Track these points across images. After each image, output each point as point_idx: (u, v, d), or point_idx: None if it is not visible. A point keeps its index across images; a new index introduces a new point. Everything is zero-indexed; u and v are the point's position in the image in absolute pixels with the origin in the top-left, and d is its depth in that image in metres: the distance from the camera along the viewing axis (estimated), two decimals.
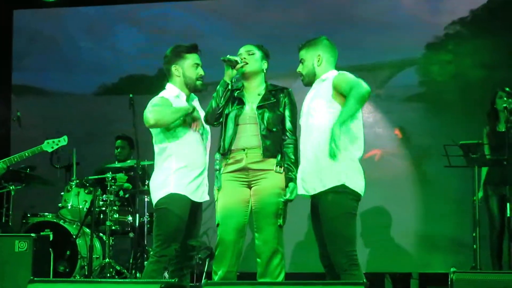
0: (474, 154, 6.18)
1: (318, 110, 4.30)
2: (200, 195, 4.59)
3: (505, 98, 6.35)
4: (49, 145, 6.24)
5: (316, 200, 4.28)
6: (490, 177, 6.43)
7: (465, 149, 6.21)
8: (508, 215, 6.10)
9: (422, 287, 7.12)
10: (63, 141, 6.28)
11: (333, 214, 4.19)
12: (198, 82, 4.63)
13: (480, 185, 6.46)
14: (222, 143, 4.69)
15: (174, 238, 4.47)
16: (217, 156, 4.70)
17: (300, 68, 4.48)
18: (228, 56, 4.60)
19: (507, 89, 6.45)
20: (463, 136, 6.48)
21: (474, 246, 6.24)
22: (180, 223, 4.49)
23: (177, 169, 4.51)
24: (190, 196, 4.51)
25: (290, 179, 4.58)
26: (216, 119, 4.66)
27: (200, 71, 4.63)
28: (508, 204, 6.13)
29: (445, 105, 7.49)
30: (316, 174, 4.25)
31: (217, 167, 4.67)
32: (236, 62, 4.60)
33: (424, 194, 7.39)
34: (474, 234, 6.26)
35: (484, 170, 6.51)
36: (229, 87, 4.63)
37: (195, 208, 4.60)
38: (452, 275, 4.10)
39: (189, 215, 4.54)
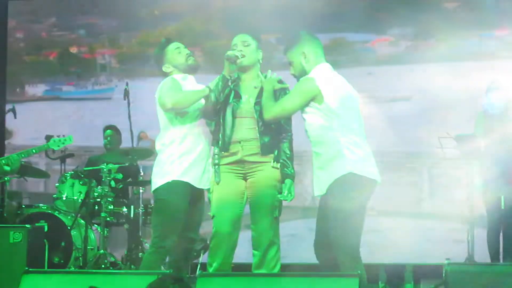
0: (469, 146, 6.19)
1: (308, 108, 4.30)
2: (205, 182, 4.61)
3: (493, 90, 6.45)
4: (55, 143, 6.29)
5: (326, 194, 4.25)
6: (487, 170, 6.46)
7: (459, 141, 6.22)
8: (503, 207, 6.13)
9: (417, 279, 7.13)
10: (69, 140, 6.34)
11: (342, 207, 4.13)
12: (190, 61, 4.66)
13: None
14: (221, 137, 4.64)
15: (173, 229, 4.48)
16: (216, 150, 4.67)
17: (292, 71, 4.45)
18: (227, 53, 4.56)
19: (497, 80, 6.50)
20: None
21: (469, 238, 6.25)
22: (179, 213, 4.50)
23: (181, 155, 4.53)
24: (193, 183, 4.53)
25: (286, 175, 4.58)
26: (215, 114, 4.65)
27: (185, 51, 4.66)
28: (502, 197, 6.16)
29: (440, 98, 7.50)
30: (322, 169, 4.25)
31: (216, 161, 4.64)
32: (236, 57, 4.56)
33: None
34: (468, 226, 6.27)
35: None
36: (229, 82, 4.60)
37: (196, 197, 4.62)
38: (446, 267, 4.11)
39: (190, 204, 4.55)
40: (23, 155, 6.02)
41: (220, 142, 4.64)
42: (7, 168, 5.86)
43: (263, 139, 4.59)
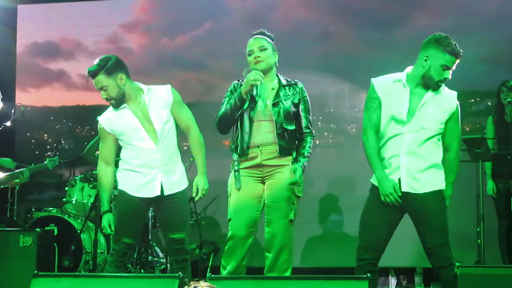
0: (478, 148, 6.18)
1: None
2: (148, 191, 4.67)
3: (506, 92, 6.46)
4: (50, 163, 6.59)
5: (416, 196, 4.28)
6: (498, 171, 6.46)
7: (469, 144, 6.21)
8: None
9: (426, 282, 7.10)
10: (57, 161, 6.67)
11: (442, 208, 4.30)
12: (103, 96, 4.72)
13: (487, 175, 6.49)
14: (239, 144, 4.64)
15: (122, 232, 4.65)
16: (235, 157, 4.66)
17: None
18: (252, 77, 4.50)
19: (509, 83, 6.49)
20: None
21: (479, 241, 6.23)
22: (125, 218, 4.68)
23: (122, 169, 4.75)
24: (134, 193, 4.66)
25: (296, 161, 4.57)
26: (229, 128, 4.70)
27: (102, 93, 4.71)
28: None
29: None
30: (427, 173, 4.29)
31: (236, 167, 4.64)
32: (260, 82, 4.52)
33: None
34: (478, 229, 6.25)
35: (488, 163, 6.53)
36: (246, 103, 4.59)
37: (155, 204, 4.76)
38: (456, 270, 4.10)
39: (143, 211, 4.75)
40: (31, 171, 6.16)
41: (238, 148, 4.64)
42: (17, 180, 5.96)
43: (281, 141, 4.59)
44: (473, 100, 7.43)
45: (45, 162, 6.57)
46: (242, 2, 8.07)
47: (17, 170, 5.98)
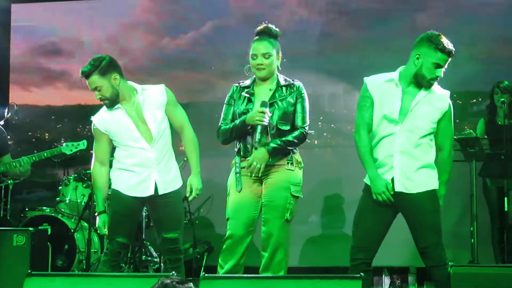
0: (472, 148, 6.19)
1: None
2: (142, 190, 4.67)
3: (500, 94, 6.48)
4: (68, 148, 6.20)
5: (410, 196, 4.28)
6: (488, 170, 6.48)
7: (462, 143, 6.22)
8: (506, 209, 6.12)
9: (420, 281, 7.11)
10: (82, 145, 6.24)
11: (435, 207, 4.30)
12: (97, 96, 4.71)
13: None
14: (241, 146, 4.67)
15: (116, 232, 4.65)
16: (237, 159, 4.68)
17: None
18: (259, 120, 4.52)
19: (503, 84, 6.49)
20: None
21: (472, 240, 6.24)
22: (119, 217, 4.68)
23: (116, 168, 4.75)
24: (128, 192, 4.66)
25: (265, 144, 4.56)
26: (229, 143, 4.75)
27: (95, 93, 4.70)
28: (506, 198, 6.16)
29: None
30: (421, 173, 4.29)
31: (238, 170, 4.65)
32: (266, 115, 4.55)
33: None
34: (472, 229, 6.27)
35: None
36: (248, 128, 4.61)
37: (149, 203, 4.75)
38: (450, 269, 4.11)
39: (136, 210, 4.75)
40: (34, 158, 5.97)
41: (241, 151, 4.67)
42: (15, 170, 5.87)
43: (275, 141, 4.58)
44: (474, 100, 7.46)
45: (62, 146, 6.19)
46: (243, 1, 8.09)
47: (14, 160, 5.87)
